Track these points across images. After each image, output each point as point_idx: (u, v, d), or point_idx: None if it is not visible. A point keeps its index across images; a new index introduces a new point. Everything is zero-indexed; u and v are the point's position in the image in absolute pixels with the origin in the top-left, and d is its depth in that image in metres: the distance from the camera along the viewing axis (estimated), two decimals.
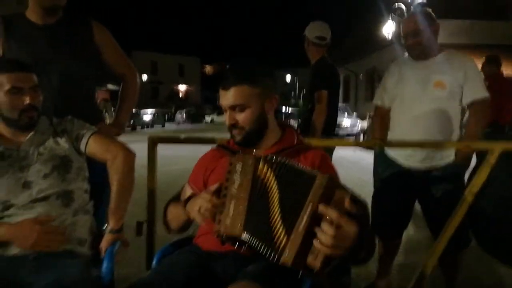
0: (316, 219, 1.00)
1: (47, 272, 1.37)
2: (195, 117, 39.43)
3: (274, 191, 1.11)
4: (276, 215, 1.07)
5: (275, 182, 1.12)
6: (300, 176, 1.10)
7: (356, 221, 0.98)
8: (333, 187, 1.03)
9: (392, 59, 2.46)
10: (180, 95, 52.03)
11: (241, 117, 1.40)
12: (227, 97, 1.40)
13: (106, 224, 1.58)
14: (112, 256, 1.50)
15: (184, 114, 38.42)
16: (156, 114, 31.21)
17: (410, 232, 3.62)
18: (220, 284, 1.25)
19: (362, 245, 1.02)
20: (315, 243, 0.98)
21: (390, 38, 13.85)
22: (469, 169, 2.21)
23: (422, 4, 10.00)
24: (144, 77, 41.38)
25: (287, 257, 1.01)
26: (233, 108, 1.40)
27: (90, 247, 1.59)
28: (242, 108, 1.39)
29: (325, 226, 0.97)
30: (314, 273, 1.00)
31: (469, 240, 2.26)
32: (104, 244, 1.55)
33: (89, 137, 1.66)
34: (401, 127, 2.32)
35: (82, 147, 1.65)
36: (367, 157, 9.77)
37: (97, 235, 1.63)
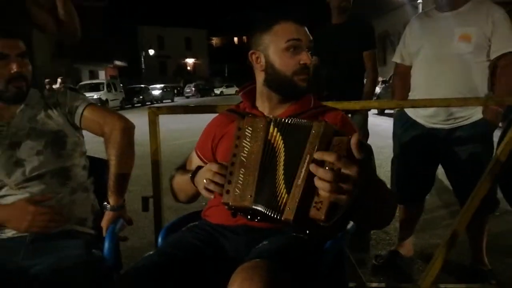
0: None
1: (45, 255, 1.28)
2: (204, 91, 39.36)
3: (282, 153, 1.01)
4: (280, 176, 0.98)
5: (283, 145, 1.01)
6: (299, 130, 0.99)
7: (357, 162, 0.86)
8: (331, 133, 0.93)
9: (405, 22, 2.27)
10: (188, 69, 51.76)
11: (310, 59, 1.27)
12: (307, 32, 1.27)
13: (105, 202, 1.47)
14: (114, 235, 1.40)
15: (193, 88, 38.32)
16: (165, 89, 31.20)
17: (430, 196, 3.51)
18: (230, 262, 1.14)
19: (368, 189, 0.91)
20: (318, 191, 0.88)
21: None
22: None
23: None
24: (151, 52, 41.12)
25: (288, 213, 0.93)
26: (309, 47, 1.27)
27: (92, 226, 1.49)
28: (310, 50, 1.27)
29: (322, 170, 0.87)
30: (321, 225, 0.90)
31: (498, 203, 2.13)
32: (104, 223, 1.45)
33: (84, 109, 1.53)
34: (422, 87, 2.15)
35: (76, 120, 1.53)
36: (381, 123, 9.61)
37: (100, 213, 1.52)
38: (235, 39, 69.05)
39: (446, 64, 2.03)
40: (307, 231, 0.99)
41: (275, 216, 0.95)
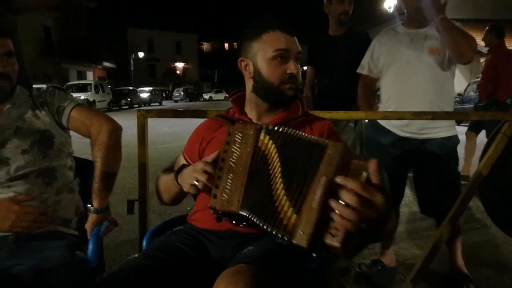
0: (332, 193, 0.85)
1: (27, 255, 1.27)
2: (193, 95, 39.28)
3: (276, 164, 0.99)
4: (279, 189, 0.95)
5: (277, 154, 1.00)
6: (306, 146, 0.96)
7: (381, 191, 0.83)
8: (348, 156, 0.89)
9: None
10: (178, 73, 51.61)
11: (298, 69, 1.29)
12: (295, 43, 1.29)
13: (89, 205, 1.46)
14: (98, 237, 1.39)
15: (182, 92, 38.20)
16: (153, 92, 31.03)
17: (414, 206, 3.56)
18: (216, 267, 1.14)
19: (389, 217, 0.87)
20: (336, 218, 0.83)
21: (391, 11, 13.54)
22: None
23: None
24: (141, 54, 40.87)
25: (301, 237, 0.87)
26: (297, 57, 1.29)
27: (77, 228, 1.48)
28: (298, 60, 1.29)
29: (347, 197, 0.82)
30: (334, 253, 0.86)
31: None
32: (89, 225, 1.44)
33: (71, 109, 1.52)
34: (395, 98, 2.20)
35: (64, 120, 1.52)
36: None
37: (84, 215, 1.51)
38: (226, 44, 69.16)
39: (417, 75, 2.10)
40: (314, 255, 0.97)
41: (281, 236, 0.90)
